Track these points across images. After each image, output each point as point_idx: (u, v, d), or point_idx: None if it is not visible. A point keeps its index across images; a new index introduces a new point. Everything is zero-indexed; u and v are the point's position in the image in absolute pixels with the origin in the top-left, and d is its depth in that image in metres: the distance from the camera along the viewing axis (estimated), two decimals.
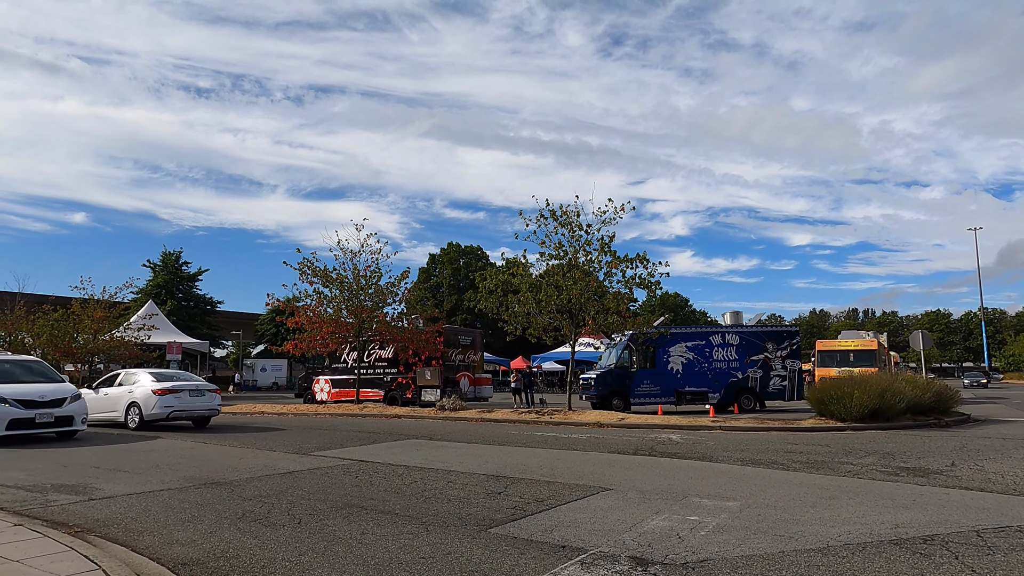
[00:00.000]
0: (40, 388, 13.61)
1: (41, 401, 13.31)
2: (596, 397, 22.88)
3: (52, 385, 14.00)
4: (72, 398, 13.89)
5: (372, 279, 22.32)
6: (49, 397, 13.47)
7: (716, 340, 23.56)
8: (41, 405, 13.30)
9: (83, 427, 14.11)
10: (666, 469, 9.85)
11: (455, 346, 24.92)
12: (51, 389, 13.70)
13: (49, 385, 13.96)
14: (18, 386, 13.42)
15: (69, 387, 14.29)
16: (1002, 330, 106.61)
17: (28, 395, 13.21)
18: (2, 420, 12.79)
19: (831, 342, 31.76)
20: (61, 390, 13.89)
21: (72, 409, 13.77)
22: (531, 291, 17.87)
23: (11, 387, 13.29)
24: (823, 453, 11.60)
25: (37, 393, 13.36)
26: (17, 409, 12.94)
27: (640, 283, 17.52)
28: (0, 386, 13.15)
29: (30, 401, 13.15)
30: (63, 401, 13.64)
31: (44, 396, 13.39)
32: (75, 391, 14.20)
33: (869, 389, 15.72)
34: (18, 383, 13.61)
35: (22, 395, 13.14)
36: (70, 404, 13.76)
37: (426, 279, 75.15)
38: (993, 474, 9.26)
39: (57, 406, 13.48)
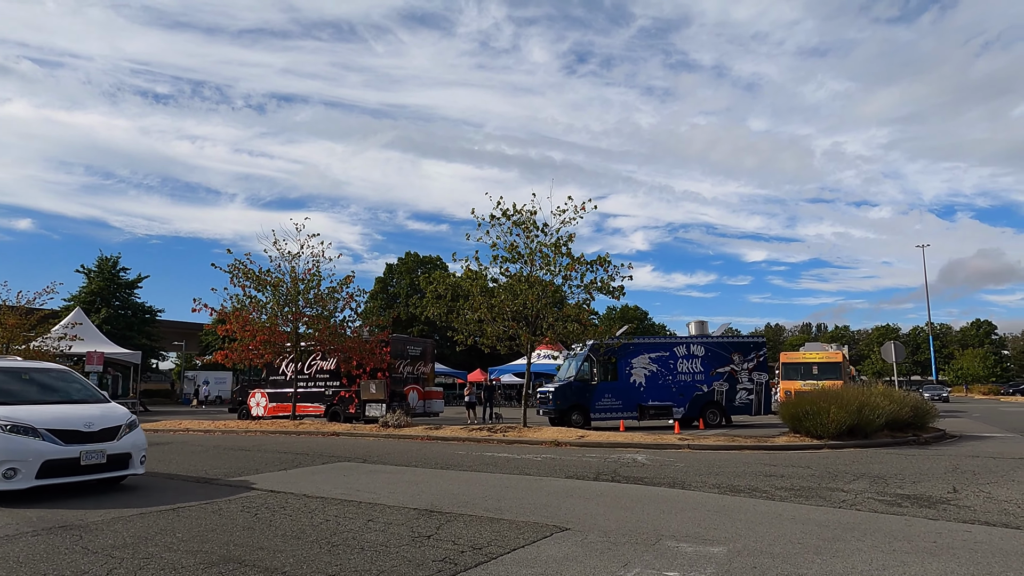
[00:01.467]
0: (83, 411, 8.88)
1: (87, 432, 8.52)
2: (554, 412, 21.36)
3: (97, 407, 9.26)
4: (128, 426, 9.13)
5: (312, 283, 20.38)
6: (98, 425, 8.67)
7: (681, 351, 22.32)
8: (87, 438, 8.49)
9: (141, 470, 9.20)
10: (633, 500, 8.34)
11: (403, 357, 23.11)
12: (98, 413, 8.97)
13: (93, 407, 9.21)
14: (51, 408, 8.77)
15: (119, 409, 9.48)
16: (948, 344, 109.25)
17: (69, 423, 8.46)
18: (30, 463, 7.94)
19: (795, 354, 30.96)
20: (111, 414, 9.12)
21: (130, 443, 8.98)
22: (483, 296, 16.25)
23: (40, 410, 8.59)
24: (807, 477, 10.26)
25: (81, 419, 8.62)
26: (54, 445, 8.14)
27: (601, 287, 16.04)
28: (23, 409, 8.49)
29: (73, 432, 8.40)
30: (117, 431, 8.87)
31: (91, 424, 8.63)
32: (129, 415, 9.41)
33: (846, 404, 14.57)
34: (46, 403, 9.02)
35: (60, 423, 8.40)
36: (127, 435, 8.99)
37: (383, 289, 72.89)
38: (1006, 503, 8.02)
39: (109, 438, 8.72)
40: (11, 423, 8.08)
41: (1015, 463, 11.69)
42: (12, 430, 8.02)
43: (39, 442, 8.10)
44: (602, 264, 16.04)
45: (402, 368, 22.99)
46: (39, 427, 8.18)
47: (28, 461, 7.93)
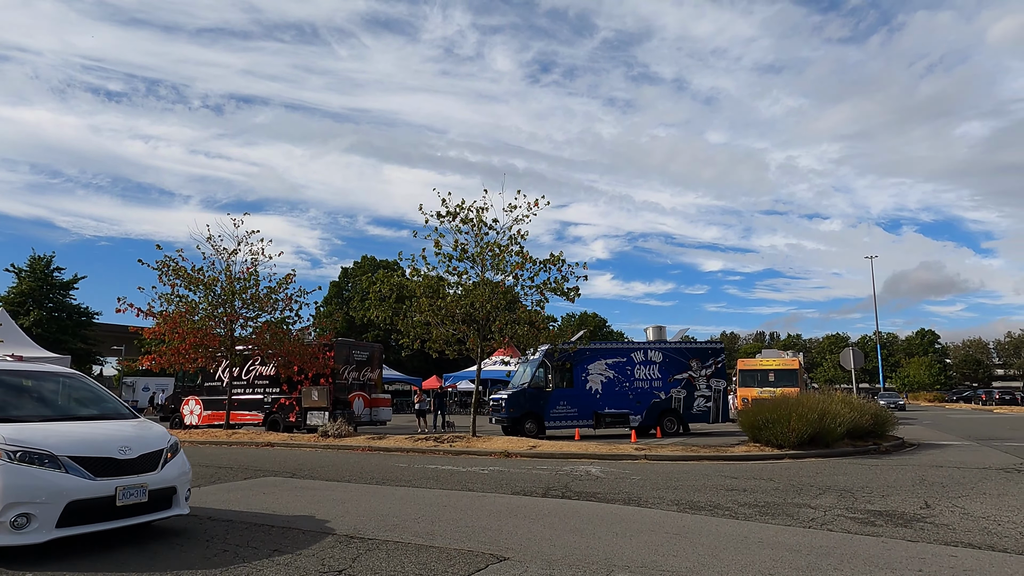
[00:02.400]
0: (113, 431, 6.45)
1: (123, 460, 6.06)
2: (507, 420, 20.41)
3: (128, 425, 6.84)
4: (170, 450, 6.66)
5: (249, 282, 18.98)
6: (136, 450, 6.20)
7: (638, 357, 21.64)
8: (124, 468, 6.03)
9: (187, 509, 6.68)
10: (584, 520, 7.45)
11: (348, 362, 21.85)
12: (133, 433, 6.50)
13: (123, 425, 6.80)
14: (70, 427, 6.30)
15: (156, 427, 7.01)
16: (895, 353, 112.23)
17: (98, 447, 6.00)
18: (49, 506, 5.45)
19: (753, 361, 30.71)
20: (149, 434, 6.65)
21: (175, 474, 6.51)
22: (428, 297, 15.19)
23: (57, 429, 6.13)
24: (771, 491, 9.54)
25: (114, 442, 6.14)
26: (81, 479, 5.70)
27: (555, 288, 15.14)
28: (34, 428, 6.01)
29: (104, 461, 5.92)
30: (159, 458, 6.40)
31: (128, 449, 6.16)
32: (169, 436, 6.90)
33: (807, 413, 14.01)
34: (61, 419, 6.59)
35: (87, 447, 5.94)
36: (170, 463, 6.53)
37: (338, 293, 70.99)
38: (984, 520, 7.39)
39: (150, 467, 6.26)
40: (20, 448, 5.47)
41: (981, 473, 11.23)
42: (23, 459, 5.44)
43: (60, 475, 5.50)
44: (555, 263, 15.16)
45: (347, 374, 21.73)
46: (59, 454, 5.59)
47: (46, 503, 5.35)
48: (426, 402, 25.78)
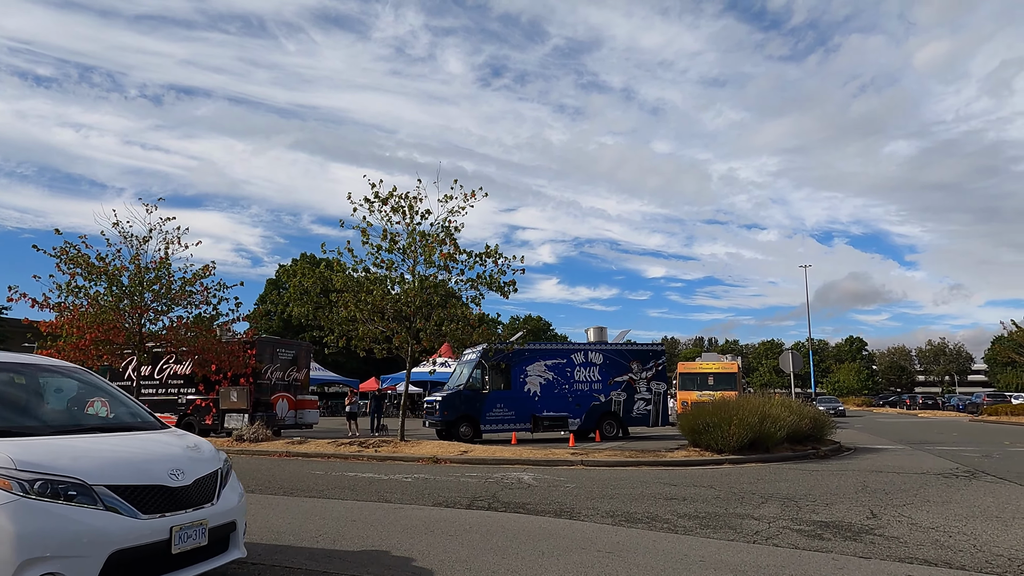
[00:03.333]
0: (155, 447, 4.67)
1: (176, 489, 4.25)
2: (441, 423, 19.43)
3: (166, 437, 4.98)
4: (225, 470, 4.90)
5: (161, 273, 17.38)
6: (190, 475, 4.41)
7: (578, 359, 21.01)
8: (177, 499, 4.24)
9: (244, 551, 4.82)
10: (508, 536, 6.60)
11: (272, 361, 20.44)
12: (180, 451, 4.68)
13: (160, 437, 4.96)
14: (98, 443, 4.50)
15: (203, 443, 5.11)
16: (825, 359, 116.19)
17: (142, 470, 4.20)
18: (86, 560, 3.66)
19: (693, 365, 30.62)
20: (199, 452, 4.82)
21: (232, 503, 4.70)
22: (350, 292, 14.05)
23: (84, 446, 4.31)
24: (711, 500, 8.92)
25: (163, 463, 4.37)
26: (128, 518, 3.90)
27: (489, 282, 14.25)
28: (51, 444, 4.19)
29: (153, 491, 4.13)
30: (214, 483, 4.63)
31: (180, 472, 4.36)
32: (221, 453, 5.13)
33: (748, 417, 13.59)
34: (80, 431, 4.72)
35: (128, 471, 4.13)
36: (226, 489, 4.75)
37: (275, 292, 68.33)
38: (933, 531, 6.91)
39: (207, 497, 4.48)
40: (39, 476, 3.74)
41: (920, 479, 10.95)
42: (44, 491, 3.70)
43: (98, 513, 3.78)
44: (490, 256, 14.28)
45: (271, 374, 20.31)
46: (93, 482, 3.86)
47: (81, 557, 3.65)
48: (357, 404, 24.52)
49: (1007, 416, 33.67)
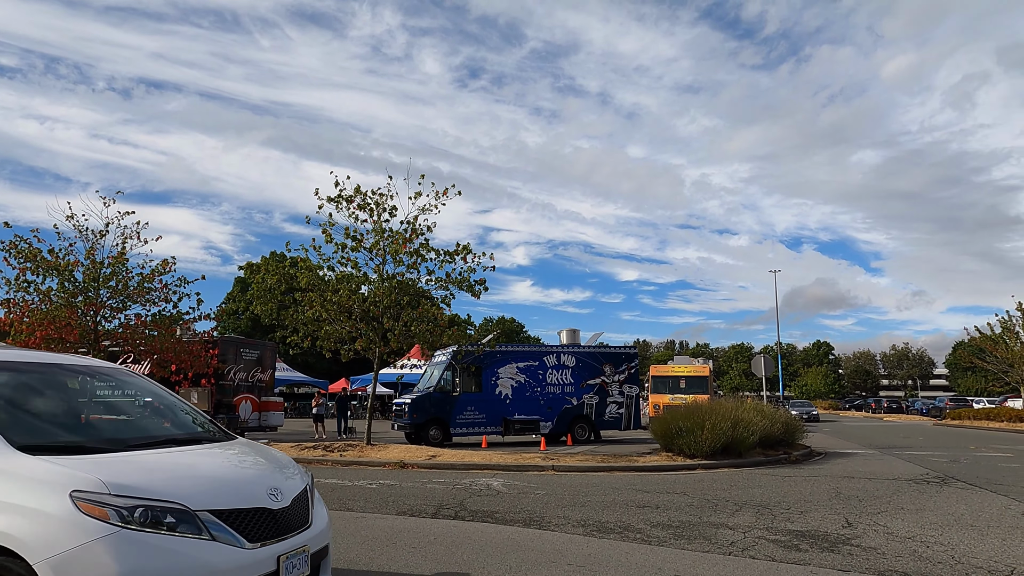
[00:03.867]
0: (249, 464, 4.05)
1: (277, 512, 3.63)
2: (411, 426, 19.01)
3: (256, 452, 4.36)
4: (311, 488, 4.26)
5: (118, 268, 16.65)
6: (287, 495, 3.79)
7: (551, 361, 20.76)
8: (280, 524, 3.62)
9: None
10: (474, 549, 6.27)
11: (236, 362, 19.82)
12: (269, 466, 4.06)
13: (253, 452, 4.31)
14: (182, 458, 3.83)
15: (282, 456, 4.49)
16: (793, 363, 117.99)
17: (242, 492, 3.57)
18: None
19: (664, 367, 30.60)
20: (286, 468, 4.20)
21: (323, 524, 4.11)
22: (316, 290, 13.56)
23: (173, 463, 3.73)
24: (685, 508, 8.69)
25: (262, 484, 3.73)
26: (236, 549, 3.31)
27: (459, 282, 13.87)
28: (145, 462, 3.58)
29: (255, 515, 3.50)
30: (307, 504, 4.02)
31: (279, 494, 3.73)
32: (303, 468, 4.53)
33: (720, 422, 13.45)
34: (154, 442, 4.03)
35: (232, 496, 3.49)
36: (316, 509, 4.14)
37: (243, 290, 66.99)
38: (910, 541, 6.76)
39: (304, 521, 3.85)
40: (138, 501, 3.16)
41: (893, 485, 10.88)
42: (145, 520, 3.13)
43: (205, 544, 3.22)
44: (460, 253, 13.90)
45: (233, 375, 19.69)
46: (195, 507, 3.28)
47: None
48: (324, 406, 23.93)
49: (970, 420, 34.31)
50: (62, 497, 2.99)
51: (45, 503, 2.99)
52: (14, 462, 3.17)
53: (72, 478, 3.07)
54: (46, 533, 2.93)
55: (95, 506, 3.01)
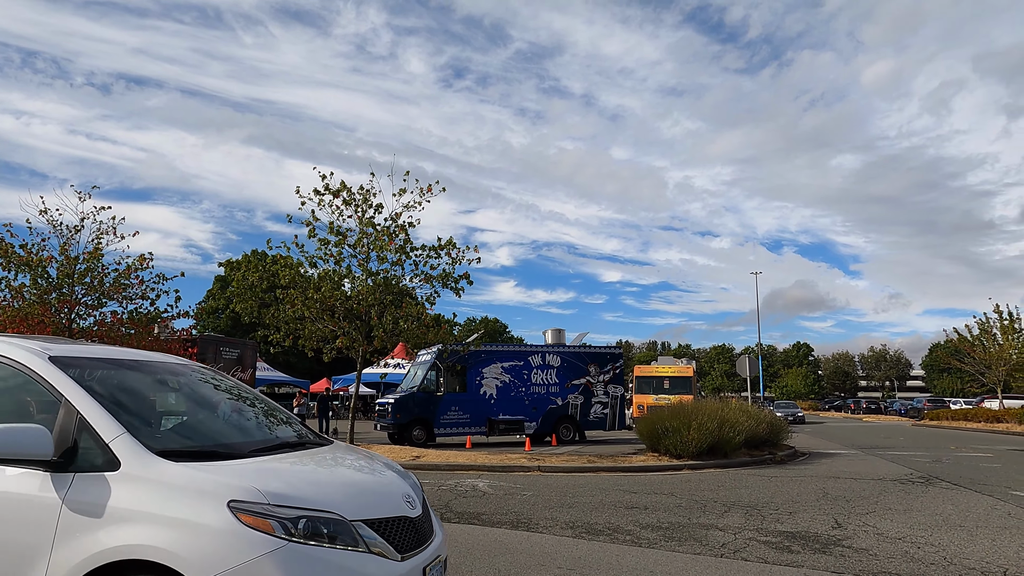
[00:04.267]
0: (375, 469, 3.72)
1: (415, 520, 3.38)
2: (394, 427, 18.78)
3: (370, 456, 4.07)
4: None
5: (93, 264, 16.20)
6: (418, 502, 3.58)
7: (536, 361, 20.63)
8: (420, 533, 3.39)
9: None
10: (461, 551, 6.10)
11: (216, 361, 19.44)
12: (391, 471, 3.78)
13: (365, 456, 4.06)
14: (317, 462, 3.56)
15: (392, 462, 4.11)
16: (774, 364, 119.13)
17: (389, 502, 3.30)
18: None
19: (649, 368, 30.63)
20: (405, 474, 3.93)
21: (442, 533, 3.81)
22: (298, 287, 13.28)
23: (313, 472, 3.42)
24: (674, 508, 8.60)
25: (397, 491, 3.46)
26: (391, 563, 3.01)
27: (443, 278, 13.65)
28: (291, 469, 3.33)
29: (401, 525, 3.24)
30: (430, 513, 3.78)
31: (413, 501, 3.50)
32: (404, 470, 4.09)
33: (707, 422, 13.41)
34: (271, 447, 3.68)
35: (377, 504, 3.22)
36: (436, 519, 3.89)
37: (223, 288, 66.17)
38: (901, 542, 6.71)
39: (431, 529, 3.61)
40: (300, 512, 2.86)
41: (879, 486, 10.89)
42: (309, 532, 2.84)
43: (363, 556, 2.92)
44: (443, 248, 13.67)
45: None
46: (350, 517, 2.98)
47: None
48: (306, 406, 23.61)
49: (948, 421, 34.76)
50: (220, 508, 2.71)
51: (202, 515, 2.69)
52: (159, 470, 2.87)
53: (228, 487, 2.79)
54: (207, 548, 2.64)
55: (258, 518, 2.73)
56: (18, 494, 2.88)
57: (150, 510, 2.73)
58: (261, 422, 4.15)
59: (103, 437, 2.94)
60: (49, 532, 2.78)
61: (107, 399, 3.19)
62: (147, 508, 2.73)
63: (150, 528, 2.69)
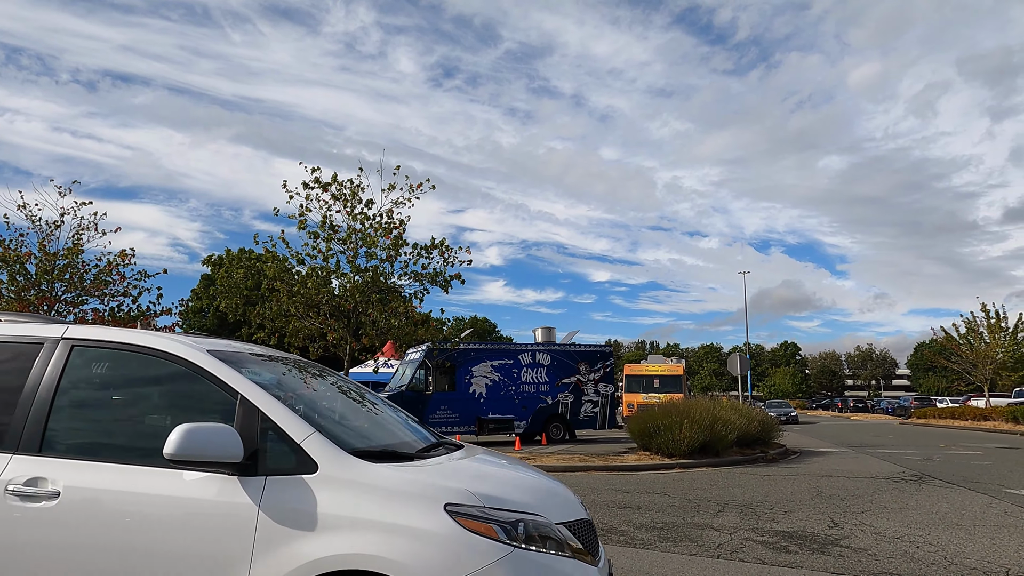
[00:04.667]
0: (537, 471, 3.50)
1: (592, 521, 3.25)
2: None
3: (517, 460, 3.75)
4: None
5: (74, 260, 15.85)
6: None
7: (525, 359, 20.45)
8: (596, 535, 3.26)
9: None
10: None
11: None
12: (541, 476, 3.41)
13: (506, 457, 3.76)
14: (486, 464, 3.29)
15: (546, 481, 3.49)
16: (761, 363, 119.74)
17: (575, 506, 3.14)
18: None
19: (638, 366, 30.52)
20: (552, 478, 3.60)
21: None
22: (283, 283, 13.02)
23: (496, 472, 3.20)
24: (668, 508, 8.44)
25: (572, 493, 3.34)
26: (592, 568, 2.80)
27: (433, 277, 13.45)
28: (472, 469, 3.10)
29: (588, 527, 3.08)
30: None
31: (585, 507, 3.40)
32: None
33: (699, 420, 13.29)
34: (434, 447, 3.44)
35: (567, 508, 3.03)
36: None
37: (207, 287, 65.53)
38: (899, 542, 6.58)
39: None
40: (517, 515, 2.65)
41: (872, 484, 10.79)
42: (531, 538, 2.62)
43: (571, 562, 2.71)
44: (436, 248, 13.49)
45: None
46: (555, 520, 2.79)
47: None
48: None
49: (935, 419, 34.94)
50: (438, 512, 2.52)
51: (421, 520, 2.49)
52: (361, 471, 2.65)
53: (444, 489, 2.61)
54: (433, 557, 2.44)
55: (479, 522, 2.54)
56: (204, 500, 2.63)
57: (360, 515, 2.51)
58: (397, 419, 3.86)
59: (294, 437, 2.71)
60: (247, 542, 2.53)
61: (281, 396, 2.97)
62: (356, 513, 2.51)
63: (363, 535, 2.47)
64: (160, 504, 2.66)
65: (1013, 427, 26.52)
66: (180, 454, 2.56)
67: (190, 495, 2.65)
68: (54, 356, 3.07)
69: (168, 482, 2.69)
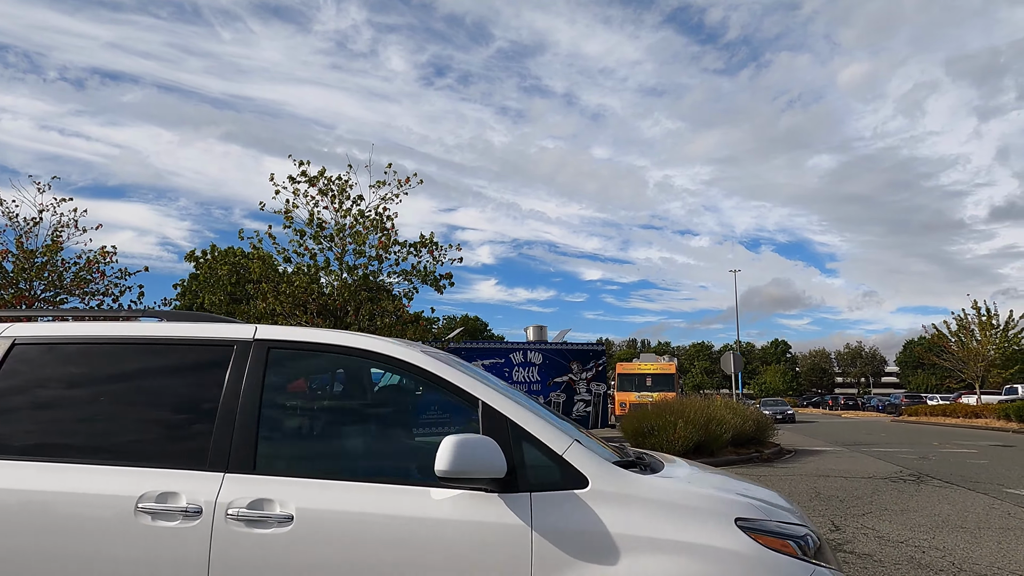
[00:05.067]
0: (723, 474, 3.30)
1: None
2: None
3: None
4: None
5: (52, 259, 15.45)
6: None
7: (517, 358, 20.17)
8: None
9: None
10: None
11: None
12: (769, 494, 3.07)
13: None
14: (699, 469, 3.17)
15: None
16: (752, 361, 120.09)
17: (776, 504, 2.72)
18: None
19: (631, 365, 30.33)
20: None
21: None
22: (269, 281, 12.70)
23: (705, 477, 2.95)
24: None
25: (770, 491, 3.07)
26: None
27: (424, 275, 13.16)
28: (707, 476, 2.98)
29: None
30: None
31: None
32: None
33: (694, 419, 13.07)
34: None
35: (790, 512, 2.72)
36: None
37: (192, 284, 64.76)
38: (903, 545, 6.37)
39: None
40: (802, 527, 2.53)
41: (869, 484, 10.61)
42: (815, 550, 2.48)
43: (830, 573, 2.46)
44: (425, 245, 13.22)
45: None
46: (813, 532, 2.58)
47: None
48: None
49: (926, 417, 34.98)
50: (730, 527, 2.30)
51: (716, 537, 2.27)
52: (637, 484, 2.41)
53: (733, 503, 2.40)
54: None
55: (774, 538, 2.34)
56: (464, 521, 2.33)
57: (649, 534, 2.27)
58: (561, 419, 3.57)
59: (554, 448, 2.45)
60: (522, 570, 2.25)
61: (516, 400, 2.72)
62: (644, 532, 2.27)
63: (658, 557, 2.23)
64: (416, 528, 2.33)
65: (1005, 424, 26.53)
66: (453, 471, 2.27)
67: (446, 516, 2.34)
68: (250, 360, 2.71)
69: (413, 501, 2.39)
